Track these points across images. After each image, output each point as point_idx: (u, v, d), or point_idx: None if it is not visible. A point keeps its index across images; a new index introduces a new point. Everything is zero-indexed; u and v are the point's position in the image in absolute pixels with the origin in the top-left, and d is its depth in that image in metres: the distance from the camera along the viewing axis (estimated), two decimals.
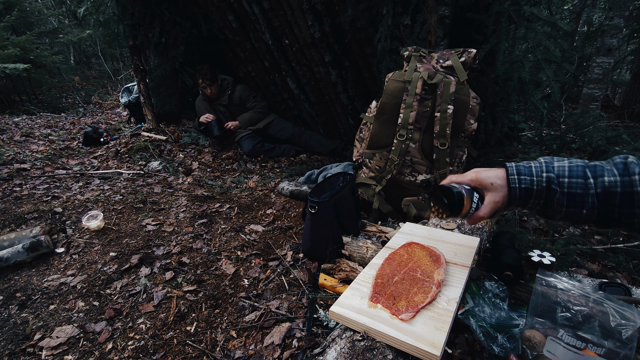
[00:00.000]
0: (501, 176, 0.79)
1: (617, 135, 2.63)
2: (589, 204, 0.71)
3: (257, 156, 3.31)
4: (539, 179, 0.75)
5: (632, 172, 0.68)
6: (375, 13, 2.09)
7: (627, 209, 0.68)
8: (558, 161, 0.77)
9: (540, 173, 0.75)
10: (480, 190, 0.83)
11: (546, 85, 2.05)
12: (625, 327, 0.68)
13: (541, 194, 0.75)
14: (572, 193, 0.72)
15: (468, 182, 0.84)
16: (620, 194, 0.68)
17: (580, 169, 0.73)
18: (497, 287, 0.94)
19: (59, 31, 7.97)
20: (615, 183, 0.69)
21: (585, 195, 0.71)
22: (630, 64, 7.33)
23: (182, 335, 1.18)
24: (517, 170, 0.77)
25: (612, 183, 0.69)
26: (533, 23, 1.80)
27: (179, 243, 1.73)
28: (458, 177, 0.86)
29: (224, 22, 3.27)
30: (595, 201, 0.71)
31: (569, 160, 0.76)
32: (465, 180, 0.84)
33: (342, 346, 0.75)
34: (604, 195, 0.70)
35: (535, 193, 0.75)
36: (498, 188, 0.78)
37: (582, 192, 0.71)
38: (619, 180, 0.69)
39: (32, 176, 2.65)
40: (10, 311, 1.31)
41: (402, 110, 1.63)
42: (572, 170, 0.74)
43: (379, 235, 1.55)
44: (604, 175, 0.70)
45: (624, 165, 0.70)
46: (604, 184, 0.70)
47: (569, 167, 0.74)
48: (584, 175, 0.72)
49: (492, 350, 0.79)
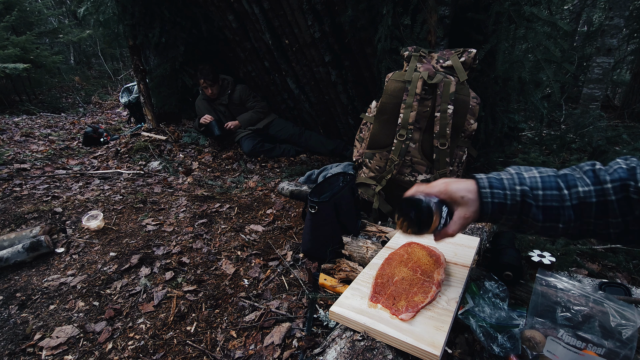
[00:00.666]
0: (472, 189, 0.72)
1: (617, 135, 2.63)
2: (565, 217, 0.67)
3: (257, 156, 3.31)
4: (512, 192, 0.69)
5: (604, 181, 0.65)
6: (375, 13, 2.09)
7: (603, 219, 0.65)
8: (527, 171, 0.72)
9: (513, 186, 0.70)
10: (449, 204, 0.75)
11: (546, 85, 2.05)
12: (625, 327, 0.68)
13: (515, 208, 0.69)
14: (548, 206, 0.67)
15: (436, 194, 0.76)
16: (596, 204, 0.65)
17: (552, 179, 0.69)
18: (497, 287, 0.94)
19: (59, 31, 7.97)
20: (589, 193, 0.65)
21: (561, 207, 0.67)
22: (630, 64, 7.33)
23: (182, 335, 1.18)
24: (489, 183, 0.71)
25: (586, 193, 0.65)
26: (533, 23, 1.80)
27: (179, 243, 1.73)
28: (426, 188, 0.78)
29: (224, 22, 3.27)
30: (572, 214, 0.66)
31: (538, 170, 0.72)
32: (434, 192, 0.76)
33: (342, 346, 0.75)
34: (579, 207, 0.66)
35: (509, 208, 0.69)
36: (469, 202, 0.72)
37: (558, 204, 0.67)
38: (593, 190, 0.65)
39: (32, 176, 2.65)
40: (10, 311, 1.31)
41: (402, 110, 1.63)
42: (545, 181, 0.69)
43: (379, 235, 1.55)
44: (577, 185, 0.67)
45: (593, 172, 0.67)
46: (579, 195, 0.66)
47: (541, 178, 0.70)
48: (557, 186, 0.68)
49: (492, 350, 0.79)
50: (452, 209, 0.75)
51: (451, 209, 0.75)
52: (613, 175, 0.65)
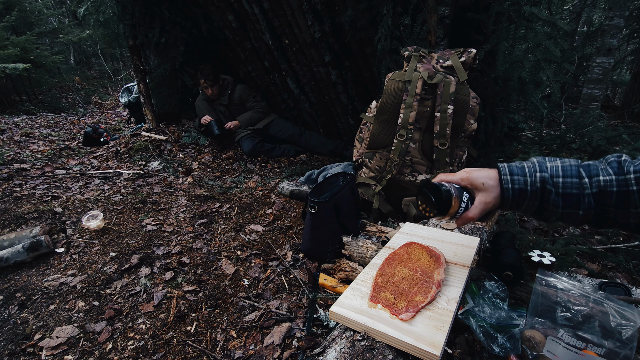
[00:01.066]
0: (493, 176, 0.76)
1: (617, 135, 2.63)
2: (585, 205, 0.69)
3: (257, 156, 3.31)
4: (532, 179, 0.72)
5: (627, 171, 0.66)
6: (375, 13, 2.09)
7: (623, 208, 0.67)
8: (550, 161, 0.75)
9: (534, 173, 0.73)
10: (471, 191, 0.79)
11: (546, 85, 2.05)
12: (625, 327, 0.68)
13: (535, 194, 0.72)
14: (568, 193, 0.70)
15: (458, 182, 0.80)
16: (617, 193, 0.67)
17: (574, 168, 0.71)
18: (497, 287, 0.94)
19: (59, 31, 7.97)
20: (611, 182, 0.67)
21: (581, 195, 0.69)
22: (630, 64, 7.33)
23: (182, 335, 1.18)
24: (509, 170, 0.75)
25: (607, 182, 0.67)
26: (533, 23, 1.80)
27: (179, 243, 1.73)
28: (448, 176, 0.82)
29: (224, 22, 3.27)
30: (592, 201, 0.69)
31: (562, 160, 0.74)
32: (456, 179, 0.80)
33: (342, 346, 0.75)
34: (599, 195, 0.68)
35: (530, 194, 0.72)
36: (490, 188, 0.75)
37: (578, 192, 0.69)
38: (615, 179, 0.67)
39: (32, 176, 2.65)
40: (10, 311, 1.31)
41: (402, 110, 1.63)
42: (565, 169, 0.71)
43: (379, 235, 1.55)
44: (599, 174, 0.69)
45: (618, 164, 0.69)
46: (599, 184, 0.68)
47: (562, 167, 0.72)
48: (578, 174, 0.70)
49: (492, 350, 0.79)
50: (474, 195, 0.79)
51: (472, 196, 0.79)
52: (638, 166, 0.66)
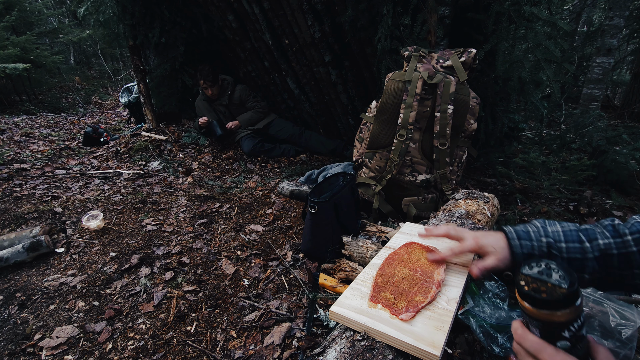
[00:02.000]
0: (502, 241, 0.79)
1: (617, 135, 2.63)
2: (589, 269, 0.70)
3: (257, 156, 3.31)
4: (539, 243, 0.74)
5: (623, 234, 0.68)
6: (375, 13, 2.10)
7: (627, 270, 0.68)
8: (551, 225, 0.77)
9: (540, 237, 0.75)
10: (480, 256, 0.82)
11: (546, 85, 2.05)
12: (625, 327, 0.68)
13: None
14: (572, 258, 0.71)
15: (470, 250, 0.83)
16: (618, 255, 0.68)
17: (574, 233, 0.73)
18: (497, 287, 0.94)
19: (59, 31, 7.97)
20: (610, 245, 0.69)
21: (584, 259, 0.71)
22: (630, 64, 7.33)
23: (182, 335, 1.18)
24: (517, 234, 0.77)
25: (607, 245, 0.69)
26: (533, 23, 1.80)
27: (179, 243, 1.73)
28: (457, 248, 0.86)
29: (224, 22, 3.27)
30: (596, 265, 0.70)
31: (561, 224, 0.77)
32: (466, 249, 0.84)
33: (342, 346, 0.75)
34: (602, 258, 0.69)
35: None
36: (500, 251, 0.78)
37: (581, 256, 0.71)
38: (613, 242, 0.69)
39: (32, 176, 2.65)
40: (10, 311, 1.31)
41: (402, 110, 1.63)
42: (567, 234, 0.74)
43: (379, 235, 1.55)
44: (598, 238, 0.71)
45: (613, 227, 0.71)
46: (599, 247, 0.70)
47: (563, 232, 0.74)
48: (579, 239, 0.72)
49: (492, 350, 0.79)
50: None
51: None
52: (632, 228, 0.68)
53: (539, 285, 0.51)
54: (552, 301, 0.49)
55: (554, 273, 0.52)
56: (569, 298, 0.49)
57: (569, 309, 0.49)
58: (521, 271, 0.55)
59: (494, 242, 0.79)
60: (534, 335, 0.52)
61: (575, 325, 0.50)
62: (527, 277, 0.53)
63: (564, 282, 0.50)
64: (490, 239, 0.80)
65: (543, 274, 0.53)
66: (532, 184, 2.30)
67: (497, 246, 0.78)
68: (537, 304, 0.50)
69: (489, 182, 2.46)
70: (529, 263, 0.55)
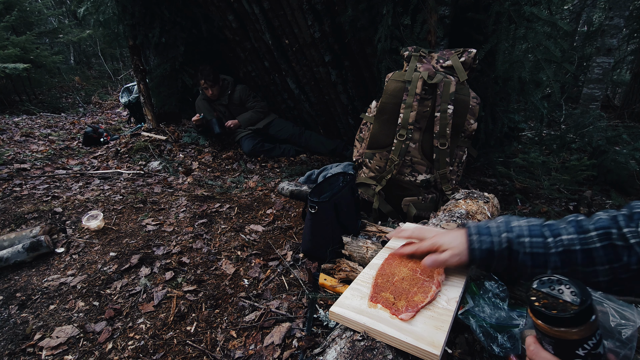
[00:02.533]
0: (461, 236, 0.79)
1: (617, 135, 2.63)
2: (551, 264, 0.70)
3: (257, 156, 3.31)
4: (499, 239, 0.75)
5: (587, 230, 0.68)
6: (375, 13, 2.10)
7: (590, 267, 0.67)
8: (517, 220, 0.77)
9: (500, 233, 0.75)
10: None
11: (546, 85, 2.05)
12: (625, 327, 0.68)
13: (502, 254, 0.74)
14: (535, 253, 0.71)
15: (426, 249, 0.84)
16: (580, 251, 0.67)
17: (537, 228, 0.73)
18: (497, 287, 0.94)
19: (59, 31, 7.97)
20: (573, 240, 0.68)
21: (547, 254, 0.70)
22: (630, 64, 7.33)
23: (182, 335, 1.18)
24: (477, 230, 0.78)
25: (570, 241, 0.68)
26: (533, 23, 1.80)
27: (179, 243, 1.73)
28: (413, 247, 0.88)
29: (224, 22, 3.27)
30: (558, 260, 0.69)
31: (528, 219, 0.77)
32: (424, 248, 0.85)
33: (342, 346, 0.75)
34: (565, 253, 0.69)
35: (497, 254, 0.75)
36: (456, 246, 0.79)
37: (544, 251, 0.70)
38: (577, 238, 0.68)
39: (32, 176, 2.65)
40: (10, 311, 1.31)
41: (402, 110, 1.63)
42: (530, 229, 0.73)
43: (379, 235, 1.55)
44: (561, 233, 0.70)
45: (577, 222, 0.71)
46: (562, 243, 0.69)
47: (527, 227, 0.74)
48: (541, 234, 0.72)
49: (492, 350, 0.79)
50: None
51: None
52: (596, 224, 0.68)
53: (551, 302, 0.49)
54: (564, 319, 0.47)
55: (566, 288, 0.50)
56: (582, 315, 0.47)
57: (583, 326, 0.47)
58: (532, 286, 0.53)
59: (451, 239, 0.80)
60: (547, 352, 0.50)
61: (590, 343, 0.47)
62: (538, 292, 0.51)
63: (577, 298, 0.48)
64: (449, 236, 0.81)
65: (554, 289, 0.51)
66: (532, 184, 2.30)
67: (455, 242, 0.79)
68: (549, 320, 0.48)
69: (489, 182, 2.46)
70: (540, 277, 0.53)
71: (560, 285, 0.51)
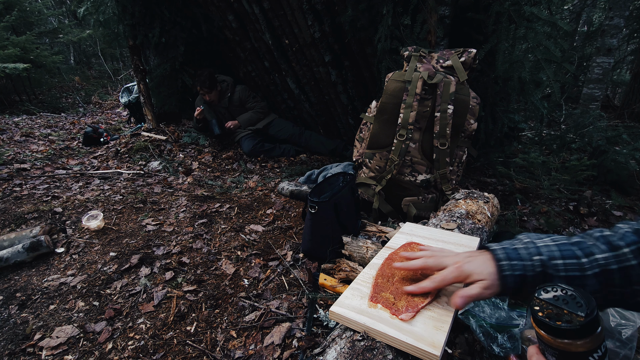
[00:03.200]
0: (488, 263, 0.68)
1: (617, 135, 2.63)
2: (589, 287, 0.61)
3: (257, 156, 3.31)
4: (532, 263, 0.65)
5: (618, 246, 0.61)
6: (375, 13, 2.10)
7: (627, 287, 0.60)
8: (539, 238, 0.69)
9: (530, 257, 0.66)
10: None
11: (546, 85, 2.05)
12: (625, 327, 0.68)
13: (536, 280, 0.65)
14: (571, 276, 0.63)
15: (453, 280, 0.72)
16: (618, 270, 0.60)
17: (568, 247, 0.65)
18: None
19: (59, 31, 7.98)
20: (608, 259, 0.61)
21: (584, 277, 0.62)
22: (630, 64, 7.33)
23: (182, 335, 1.18)
24: (506, 254, 0.68)
25: (606, 260, 0.61)
26: (533, 23, 1.80)
27: (179, 243, 1.73)
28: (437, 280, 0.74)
29: (224, 22, 3.27)
30: (595, 283, 0.61)
31: (551, 238, 0.68)
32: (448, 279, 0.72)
33: (342, 346, 0.75)
34: (602, 275, 0.61)
35: (531, 279, 0.65)
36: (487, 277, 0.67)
37: (580, 274, 0.62)
38: (611, 256, 0.61)
39: (32, 176, 2.65)
40: (10, 311, 1.31)
41: (402, 110, 1.63)
42: (562, 250, 0.65)
43: (379, 235, 1.55)
44: (594, 252, 0.62)
45: (604, 238, 0.64)
46: (598, 263, 0.61)
47: (556, 246, 0.66)
48: (574, 255, 0.64)
49: (492, 350, 0.79)
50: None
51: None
52: (625, 239, 0.62)
53: (555, 312, 0.47)
54: (569, 330, 0.45)
55: (571, 299, 0.48)
56: (587, 327, 0.45)
57: (589, 338, 0.45)
58: (536, 295, 0.51)
59: (479, 266, 0.69)
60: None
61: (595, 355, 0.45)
62: (542, 302, 0.49)
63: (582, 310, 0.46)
64: (476, 262, 0.70)
65: (559, 299, 0.48)
66: (532, 184, 2.30)
67: (484, 272, 0.68)
68: (553, 332, 0.46)
69: (489, 182, 2.46)
70: (544, 287, 0.51)
71: (565, 294, 0.49)
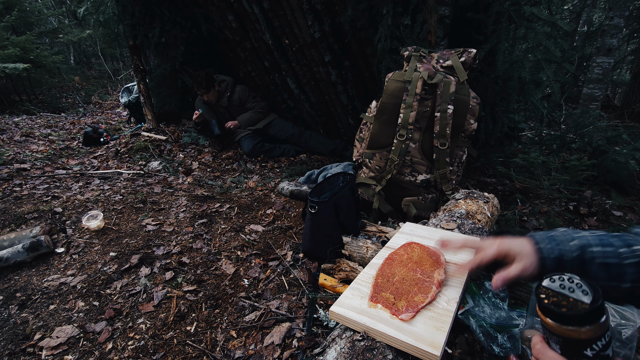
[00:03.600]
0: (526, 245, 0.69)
1: (617, 135, 2.63)
2: (627, 276, 0.60)
3: (257, 156, 3.31)
4: (569, 247, 0.65)
5: None
6: (375, 13, 2.10)
7: None
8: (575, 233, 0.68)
9: (568, 241, 0.65)
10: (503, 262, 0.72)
11: (546, 85, 2.05)
12: (625, 327, 0.68)
13: (573, 265, 0.64)
14: (609, 263, 0.62)
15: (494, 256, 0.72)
16: None
17: (605, 237, 0.64)
18: None
19: (59, 31, 7.98)
20: None
21: (622, 265, 0.61)
22: (630, 64, 7.33)
23: (182, 335, 1.18)
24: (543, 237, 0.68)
25: None
26: (533, 23, 1.80)
27: (179, 243, 1.73)
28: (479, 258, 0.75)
29: (224, 22, 3.27)
30: (634, 272, 0.60)
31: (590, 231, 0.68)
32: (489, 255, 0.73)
33: (342, 346, 0.75)
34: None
35: (568, 264, 0.64)
36: (526, 257, 0.68)
37: (618, 261, 0.61)
38: None
39: (32, 176, 2.65)
40: (10, 311, 1.31)
41: (402, 110, 1.63)
42: (600, 238, 0.64)
43: (379, 235, 1.55)
44: (633, 244, 0.61)
45: None
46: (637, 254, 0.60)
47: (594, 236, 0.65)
48: (611, 243, 0.63)
49: (492, 350, 0.79)
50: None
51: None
52: None
53: (560, 300, 0.48)
54: (574, 317, 0.46)
55: (577, 287, 0.49)
56: (592, 314, 0.46)
57: (592, 326, 0.46)
58: (542, 283, 0.52)
59: (519, 245, 0.70)
60: (553, 352, 0.49)
61: (599, 343, 0.46)
62: (548, 289, 0.50)
63: (587, 297, 0.47)
64: (516, 241, 0.71)
65: (565, 287, 0.49)
66: (532, 184, 2.30)
67: (524, 250, 0.68)
68: (558, 318, 0.48)
69: (489, 182, 2.46)
70: (551, 275, 0.52)
71: (571, 283, 0.50)
